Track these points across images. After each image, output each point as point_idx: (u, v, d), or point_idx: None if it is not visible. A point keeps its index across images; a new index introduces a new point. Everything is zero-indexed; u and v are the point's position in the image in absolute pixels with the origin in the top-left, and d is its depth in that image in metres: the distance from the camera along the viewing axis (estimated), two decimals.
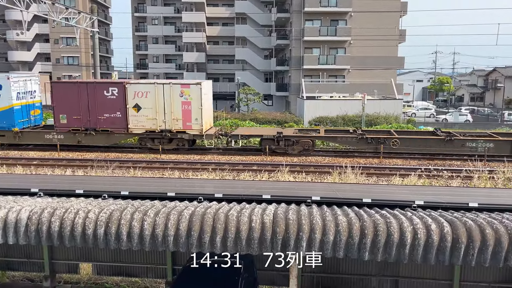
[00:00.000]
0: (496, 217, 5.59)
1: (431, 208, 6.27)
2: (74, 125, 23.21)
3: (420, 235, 5.18)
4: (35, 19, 55.53)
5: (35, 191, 6.96)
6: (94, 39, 30.60)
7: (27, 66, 60.58)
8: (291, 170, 18.23)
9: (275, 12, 48.37)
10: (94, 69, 32.72)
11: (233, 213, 5.65)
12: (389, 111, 33.07)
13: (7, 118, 23.52)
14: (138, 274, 8.52)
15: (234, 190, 7.78)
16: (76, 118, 23.06)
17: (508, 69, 64.16)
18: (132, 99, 22.55)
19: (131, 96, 22.49)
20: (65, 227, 5.66)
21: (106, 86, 23.04)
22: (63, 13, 28.48)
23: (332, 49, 42.60)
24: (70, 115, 23.09)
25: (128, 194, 6.88)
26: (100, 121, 22.94)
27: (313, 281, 7.89)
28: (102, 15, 63.66)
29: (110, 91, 22.66)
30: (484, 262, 5.13)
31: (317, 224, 5.37)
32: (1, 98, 23.35)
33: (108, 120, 22.92)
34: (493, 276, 7.33)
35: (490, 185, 15.79)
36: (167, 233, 5.50)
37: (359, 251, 5.31)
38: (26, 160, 21.01)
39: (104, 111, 22.83)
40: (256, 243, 5.42)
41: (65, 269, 8.58)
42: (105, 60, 66.74)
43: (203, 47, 55.60)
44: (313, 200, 6.45)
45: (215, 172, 18.00)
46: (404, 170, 18.88)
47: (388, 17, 40.47)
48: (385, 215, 5.61)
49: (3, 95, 23.33)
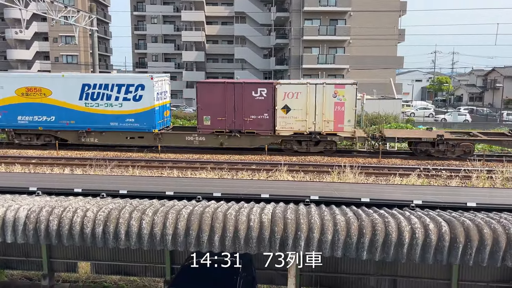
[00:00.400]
0: (494, 217, 5.60)
1: (429, 208, 6.28)
2: (218, 127, 22.45)
3: (418, 235, 5.19)
4: (34, 18, 55.49)
5: (34, 190, 6.95)
6: (93, 37, 30.57)
7: (26, 64, 60.49)
8: (289, 169, 18.23)
9: (274, 11, 48.38)
10: (93, 67, 32.68)
11: (232, 212, 5.65)
12: (388, 110, 33.09)
13: (148, 120, 22.78)
14: (136, 273, 8.53)
15: (233, 189, 7.77)
16: (221, 120, 22.29)
17: (507, 69, 64.23)
18: (281, 100, 21.72)
19: (281, 97, 21.67)
20: (63, 225, 5.66)
21: (255, 86, 22.25)
22: (62, 11, 28.44)
23: (331, 49, 42.64)
24: (214, 117, 22.33)
25: (127, 193, 6.88)
26: (246, 123, 22.19)
27: (312, 280, 7.91)
28: (101, 13, 63.56)
29: (258, 91, 21.88)
30: (482, 262, 5.14)
31: (316, 224, 5.37)
32: (143, 98, 22.60)
33: (254, 122, 22.15)
34: (491, 275, 7.35)
35: (488, 185, 15.81)
36: (166, 232, 5.50)
37: (357, 251, 5.31)
38: (25, 159, 20.98)
39: (251, 112, 22.07)
40: (254, 242, 5.42)
41: (63, 268, 8.58)
42: (104, 59, 66.67)
43: (203, 46, 55.57)
44: (312, 199, 6.45)
45: (213, 171, 18.01)
46: (403, 169, 18.91)
47: (387, 17, 40.50)
48: (383, 214, 5.61)
49: (145, 96, 22.60)
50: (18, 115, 23.26)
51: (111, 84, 22.67)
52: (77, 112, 22.90)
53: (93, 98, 22.75)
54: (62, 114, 22.97)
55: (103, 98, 22.69)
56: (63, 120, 23.08)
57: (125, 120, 22.81)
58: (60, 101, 22.93)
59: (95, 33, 30.30)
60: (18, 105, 23.12)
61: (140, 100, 22.58)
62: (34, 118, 23.26)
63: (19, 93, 23.07)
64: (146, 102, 22.61)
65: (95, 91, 22.70)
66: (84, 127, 23.12)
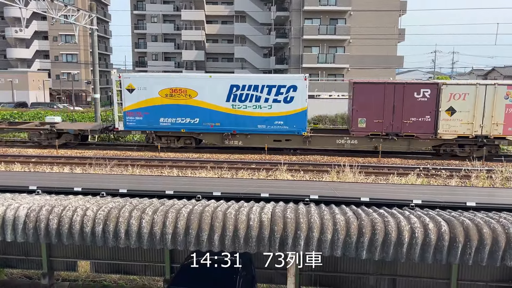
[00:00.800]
0: (493, 217, 5.60)
1: (429, 207, 6.28)
2: (374, 129, 21.60)
3: (417, 234, 5.19)
4: (34, 16, 55.48)
5: (33, 189, 6.95)
6: (93, 36, 30.52)
7: (25, 63, 60.48)
8: (289, 168, 18.24)
9: (274, 10, 48.37)
10: (93, 66, 32.64)
11: (231, 211, 5.65)
12: None
13: (298, 122, 22.09)
14: (136, 272, 8.53)
15: (233, 188, 7.77)
16: (378, 122, 21.45)
17: (507, 69, 64.22)
18: (446, 101, 20.72)
19: (446, 99, 20.66)
20: (63, 224, 5.66)
21: (417, 87, 21.31)
22: (62, 10, 28.39)
23: (331, 48, 42.64)
24: (370, 119, 21.50)
25: (127, 192, 6.88)
26: (405, 125, 21.26)
27: (311, 280, 7.91)
28: (101, 12, 63.54)
29: (421, 92, 20.97)
30: (481, 261, 5.15)
31: (315, 223, 5.37)
32: (295, 100, 21.85)
33: (414, 125, 21.22)
34: (490, 275, 7.36)
35: (488, 184, 15.82)
36: (165, 231, 5.50)
37: (357, 250, 5.32)
38: (25, 158, 20.97)
39: (411, 114, 21.16)
40: (254, 241, 5.42)
41: (63, 267, 8.59)
42: (104, 58, 66.67)
43: (202, 45, 55.55)
44: (311, 198, 6.45)
45: (213, 170, 18.01)
46: (403, 169, 18.92)
47: (387, 16, 40.49)
48: (383, 214, 5.62)
49: (297, 97, 21.83)
50: (160, 117, 22.60)
51: (261, 85, 21.97)
52: (223, 114, 22.32)
53: (241, 99, 22.09)
54: (206, 116, 22.39)
55: (252, 99, 22.04)
56: (208, 122, 22.51)
57: (273, 122, 22.17)
58: (205, 103, 22.29)
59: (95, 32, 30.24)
60: (161, 106, 22.44)
61: (291, 101, 21.91)
62: (177, 120, 22.62)
63: (162, 94, 22.35)
64: (298, 103, 21.93)
65: (244, 92, 22.04)
66: (229, 130, 22.56)
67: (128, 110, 22.69)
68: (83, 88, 60.37)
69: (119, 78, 22.77)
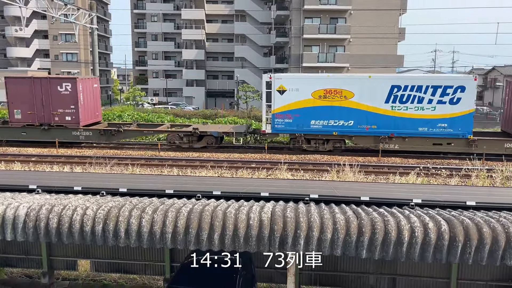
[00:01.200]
0: (493, 216, 5.60)
1: (429, 207, 6.28)
2: None
3: (417, 233, 5.19)
4: (34, 15, 55.43)
5: (33, 188, 6.95)
6: (93, 35, 30.53)
7: (25, 62, 60.47)
8: (289, 168, 18.24)
9: (274, 9, 48.33)
10: (93, 65, 32.66)
11: (231, 210, 5.65)
12: None
13: (464, 124, 21.07)
14: (136, 271, 8.54)
15: (232, 187, 7.78)
16: None
17: (507, 68, 64.15)
18: None
19: None
20: (63, 224, 5.66)
21: None
22: (62, 9, 28.40)
23: (332, 47, 42.60)
24: None
25: (126, 191, 6.88)
26: None
27: (311, 279, 7.92)
28: (101, 11, 63.51)
29: None
30: (481, 261, 5.15)
31: (315, 222, 5.37)
32: (462, 101, 20.78)
33: None
34: (490, 274, 7.36)
35: (488, 183, 15.82)
36: (165, 230, 5.51)
37: (357, 249, 5.32)
38: (25, 157, 20.99)
39: None
40: (254, 240, 5.42)
41: (63, 266, 8.59)
42: (104, 57, 66.67)
43: (203, 44, 55.53)
44: (311, 198, 6.45)
45: (213, 170, 18.01)
46: (403, 168, 18.92)
47: (387, 15, 40.44)
48: (382, 213, 5.62)
49: (465, 98, 20.74)
50: (311, 119, 21.85)
51: (425, 85, 21.00)
52: (381, 116, 21.43)
53: (402, 101, 21.19)
54: (362, 118, 21.56)
55: (414, 100, 21.12)
56: (363, 124, 21.65)
57: (436, 125, 21.23)
58: (362, 104, 21.43)
59: (95, 31, 30.25)
60: (313, 108, 21.66)
61: (458, 103, 20.91)
62: (329, 122, 21.83)
63: (316, 95, 21.57)
64: (465, 105, 20.88)
65: (405, 93, 21.12)
66: (386, 133, 21.61)
67: (278, 112, 21.95)
68: None
69: (269, 79, 21.92)
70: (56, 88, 23.25)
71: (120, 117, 31.31)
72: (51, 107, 23.36)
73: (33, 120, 23.65)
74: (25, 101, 23.39)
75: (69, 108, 23.33)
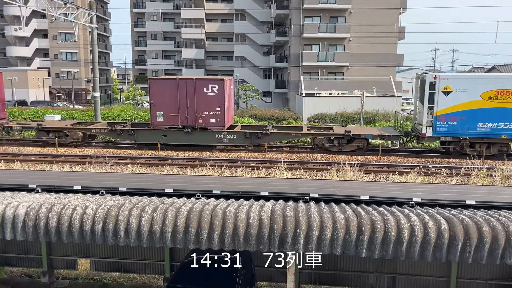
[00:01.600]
0: (493, 215, 5.60)
1: (429, 205, 6.28)
2: None
3: (417, 232, 5.19)
4: (33, 15, 55.42)
5: (33, 187, 6.95)
6: (93, 34, 30.48)
7: (25, 61, 60.45)
8: (289, 167, 18.23)
9: (274, 8, 48.30)
10: (93, 65, 32.62)
11: (231, 209, 5.65)
12: (388, 108, 33.08)
13: None
14: (136, 270, 8.54)
15: (232, 186, 7.78)
16: None
17: (507, 67, 64.10)
18: None
19: None
20: (62, 223, 5.66)
21: None
22: (61, 8, 28.35)
23: (331, 46, 42.58)
24: None
25: (126, 190, 6.88)
26: None
27: (311, 278, 7.92)
28: (101, 10, 63.49)
29: None
30: (481, 260, 5.15)
31: (315, 221, 5.37)
32: None
33: None
34: (490, 273, 7.36)
35: (488, 182, 15.82)
36: (165, 230, 5.51)
37: (357, 248, 5.32)
38: (24, 156, 20.97)
39: None
40: (253, 239, 5.42)
41: (63, 265, 8.59)
42: (104, 56, 66.68)
43: (202, 43, 55.51)
44: (311, 197, 6.45)
45: (213, 169, 18.00)
46: (403, 167, 18.90)
47: (387, 14, 40.43)
48: (382, 212, 5.62)
49: None
50: (479, 122, 20.44)
51: None
52: None
53: None
54: None
55: None
56: None
57: None
58: None
59: (95, 30, 30.20)
60: (481, 110, 20.29)
61: None
62: (498, 125, 20.45)
63: (485, 96, 20.16)
64: None
65: None
66: None
67: (441, 114, 20.61)
68: (83, 87, 60.36)
69: (434, 80, 20.63)
70: (202, 90, 22.11)
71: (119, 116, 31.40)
72: (195, 109, 22.27)
73: (175, 123, 22.55)
74: (168, 103, 22.28)
75: (215, 111, 22.25)
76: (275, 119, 32.14)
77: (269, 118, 32.30)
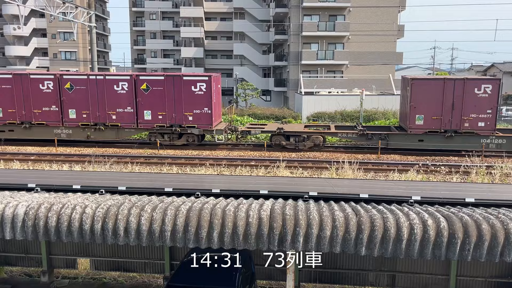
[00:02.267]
0: (492, 212, 5.61)
1: (428, 204, 6.29)
2: None
3: (416, 230, 5.20)
4: (32, 14, 55.29)
5: (32, 187, 6.94)
6: (92, 34, 30.45)
7: (24, 61, 60.33)
8: (288, 165, 18.24)
9: (273, 7, 48.23)
10: (92, 64, 32.59)
11: (230, 208, 5.65)
12: (387, 106, 33.07)
13: None
14: (136, 269, 8.54)
15: (232, 185, 7.77)
16: None
17: (506, 65, 64.13)
18: None
19: None
20: (62, 222, 5.66)
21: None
22: (60, 7, 28.31)
23: (331, 44, 42.53)
24: None
25: (126, 189, 6.88)
26: None
27: (311, 276, 7.92)
28: (100, 9, 63.35)
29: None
30: (480, 257, 5.16)
31: (314, 220, 5.37)
32: None
33: None
34: (489, 271, 7.37)
35: (487, 180, 15.83)
36: (164, 229, 5.51)
37: (356, 246, 5.32)
38: (24, 156, 20.96)
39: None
40: (253, 238, 5.43)
41: (63, 264, 8.59)
42: (103, 55, 66.55)
43: (201, 42, 55.45)
44: (310, 195, 6.45)
45: (212, 168, 18.00)
46: (402, 165, 18.92)
47: (386, 12, 40.41)
48: (382, 210, 5.62)
49: None
50: None
51: None
52: None
53: None
54: None
55: None
56: None
57: None
58: None
59: (94, 29, 30.18)
60: None
61: None
62: None
63: None
64: None
65: None
66: None
67: None
68: None
69: None
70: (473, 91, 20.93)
71: None
72: (462, 111, 21.07)
73: (436, 126, 21.58)
74: (430, 105, 21.27)
75: (485, 113, 21.18)
76: (275, 117, 32.13)
77: (269, 116, 32.29)
